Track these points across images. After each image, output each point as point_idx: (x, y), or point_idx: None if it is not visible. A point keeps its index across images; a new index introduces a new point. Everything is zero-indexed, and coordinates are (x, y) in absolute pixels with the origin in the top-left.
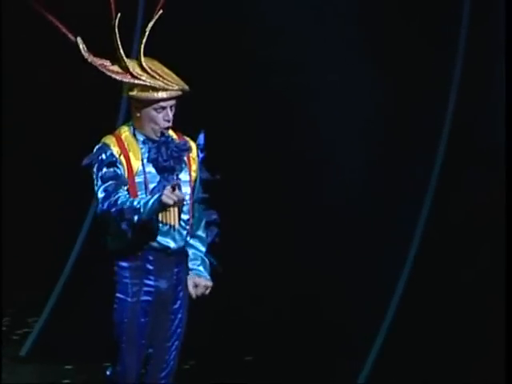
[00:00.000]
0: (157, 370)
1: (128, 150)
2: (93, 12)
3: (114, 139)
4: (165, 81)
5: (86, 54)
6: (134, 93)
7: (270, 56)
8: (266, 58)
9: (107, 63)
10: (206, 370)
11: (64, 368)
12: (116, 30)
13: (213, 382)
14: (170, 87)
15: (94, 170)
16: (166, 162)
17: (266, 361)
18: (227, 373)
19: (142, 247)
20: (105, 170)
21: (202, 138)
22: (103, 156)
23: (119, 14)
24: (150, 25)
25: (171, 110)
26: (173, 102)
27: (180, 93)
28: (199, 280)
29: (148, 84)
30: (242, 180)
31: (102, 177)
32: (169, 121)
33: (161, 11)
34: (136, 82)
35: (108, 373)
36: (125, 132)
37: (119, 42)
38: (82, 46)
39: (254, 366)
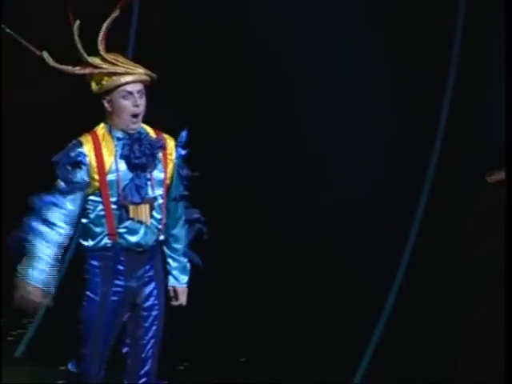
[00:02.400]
0: (135, 369)
1: (102, 147)
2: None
3: (89, 137)
4: (126, 66)
5: (51, 63)
6: (100, 85)
7: (273, 52)
8: (268, 54)
9: (70, 67)
10: (201, 371)
11: (58, 369)
12: (75, 30)
13: (207, 383)
14: (133, 71)
15: (61, 163)
16: (139, 160)
17: (261, 362)
18: (221, 374)
19: (113, 246)
20: (67, 167)
21: (184, 135)
22: (71, 153)
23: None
24: (107, 22)
25: (140, 96)
26: (139, 87)
27: (145, 77)
28: (175, 288)
29: (110, 71)
30: (241, 178)
31: (62, 173)
32: (138, 106)
33: (118, 11)
34: (97, 71)
35: (70, 366)
36: (102, 129)
37: (79, 42)
38: (48, 59)
39: (248, 367)
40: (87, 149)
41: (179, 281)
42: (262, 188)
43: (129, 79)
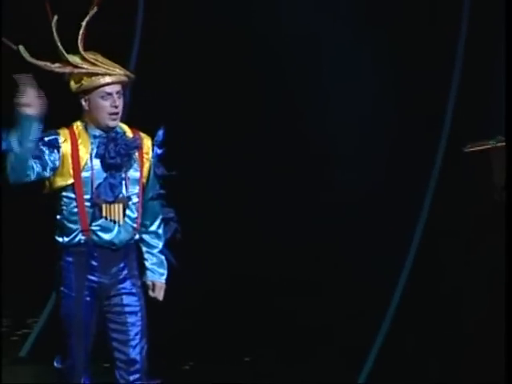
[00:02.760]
0: (125, 365)
1: (78, 143)
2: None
3: (66, 131)
4: (106, 66)
5: (28, 58)
6: (79, 84)
7: (275, 52)
8: (270, 54)
9: (49, 63)
10: (205, 371)
11: None
12: (53, 28)
13: (212, 382)
14: (112, 72)
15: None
16: (113, 159)
17: (265, 361)
18: (226, 374)
19: (86, 243)
20: (40, 145)
21: (160, 134)
22: (46, 137)
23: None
24: (86, 20)
25: (118, 96)
26: (118, 88)
27: (124, 78)
28: (154, 282)
29: (90, 71)
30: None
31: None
32: (116, 107)
33: (95, 8)
34: (77, 70)
35: (56, 364)
36: (78, 126)
37: (57, 39)
38: (24, 54)
39: (252, 367)
40: (62, 139)
41: (157, 275)
42: (263, 188)
43: (108, 80)
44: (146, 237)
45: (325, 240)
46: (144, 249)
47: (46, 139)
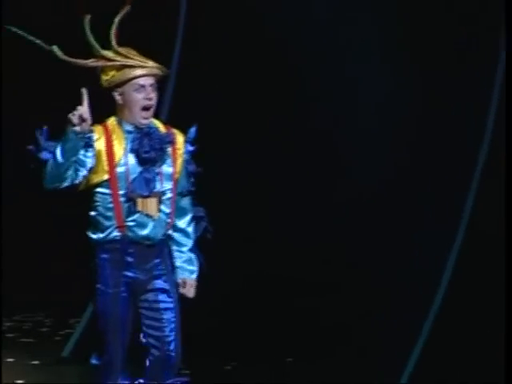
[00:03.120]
0: (158, 363)
1: (113, 139)
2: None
3: (100, 127)
4: (139, 59)
5: (62, 57)
6: (112, 78)
7: (297, 49)
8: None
9: (80, 60)
10: (248, 371)
11: None
12: (85, 25)
13: (254, 382)
14: (145, 64)
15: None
16: (148, 154)
17: (308, 361)
18: (268, 374)
19: (121, 239)
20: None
21: (193, 131)
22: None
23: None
24: (119, 16)
25: (152, 89)
26: (151, 81)
27: (157, 71)
28: (184, 280)
29: (123, 63)
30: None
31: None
32: (150, 99)
33: (128, 6)
34: (110, 63)
35: (93, 361)
36: (112, 122)
37: (89, 34)
38: (58, 52)
39: (295, 367)
40: (96, 136)
41: (187, 273)
42: (285, 188)
43: (141, 72)
44: (175, 235)
45: (365, 237)
46: (173, 247)
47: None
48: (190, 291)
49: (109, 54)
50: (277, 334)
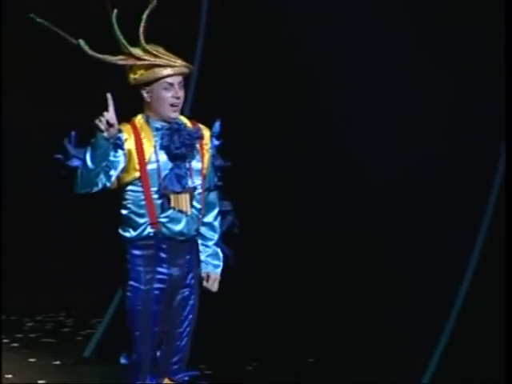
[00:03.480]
0: (169, 356)
1: (142, 137)
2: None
3: (128, 126)
4: (168, 58)
5: (90, 52)
6: (140, 76)
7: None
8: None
9: (109, 56)
10: (269, 372)
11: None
12: (113, 22)
13: (275, 383)
14: (174, 63)
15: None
16: (179, 150)
17: (329, 361)
18: (289, 374)
19: (155, 235)
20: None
21: (217, 125)
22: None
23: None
24: (146, 13)
25: (179, 87)
26: (180, 79)
27: (185, 70)
28: (208, 274)
29: (152, 63)
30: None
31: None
32: (178, 98)
33: (155, 2)
34: (140, 62)
35: (123, 360)
36: (140, 120)
37: (119, 32)
38: (85, 47)
39: (315, 368)
40: (125, 136)
41: (211, 267)
42: (315, 181)
43: (170, 72)
44: (201, 228)
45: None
46: (199, 241)
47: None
48: (213, 286)
49: (138, 52)
50: (299, 333)
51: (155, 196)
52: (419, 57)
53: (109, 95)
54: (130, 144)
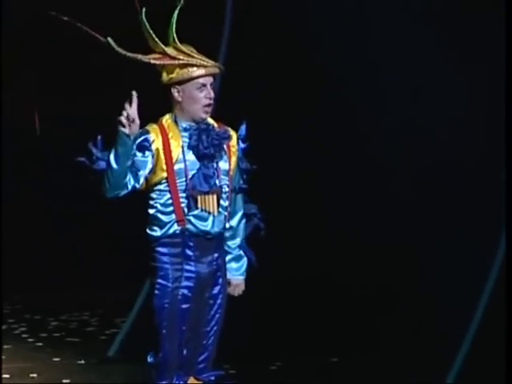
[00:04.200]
0: (195, 355)
1: (170, 137)
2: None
3: (155, 126)
4: (201, 58)
5: (120, 50)
6: (174, 75)
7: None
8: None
9: (140, 55)
10: (292, 371)
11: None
12: (144, 21)
13: (298, 383)
14: (207, 64)
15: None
16: (207, 150)
17: (351, 361)
18: (313, 374)
19: (182, 233)
20: (133, 149)
21: (243, 128)
22: (137, 139)
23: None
24: (175, 13)
25: (211, 88)
26: (211, 80)
27: (217, 71)
28: (229, 280)
29: (186, 62)
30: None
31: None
32: (211, 98)
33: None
34: (175, 62)
35: (150, 359)
36: (167, 120)
37: (151, 31)
38: (114, 45)
39: (339, 367)
40: (152, 136)
41: (234, 271)
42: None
43: (204, 72)
44: (225, 233)
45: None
46: (224, 244)
47: (138, 142)
48: (234, 291)
49: (172, 51)
50: (322, 332)
51: (182, 195)
52: (442, 57)
53: (134, 92)
54: (157, 145)
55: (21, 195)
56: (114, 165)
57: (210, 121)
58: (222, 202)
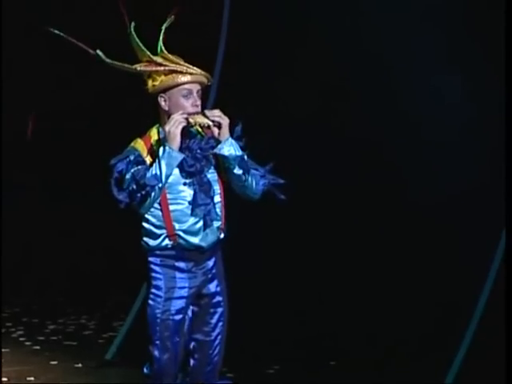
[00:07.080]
0: (201, 365)
1: (156, 154)
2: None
3: (142, 143)
4: (187, 65)
5: (108, 61)
6: (160, 83)
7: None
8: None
9: (127, 64)
10: (290, 375)
11: None
12: (132, 32)
13: None
14: (194, 71)
15: (120, 170)
16: (192, 168)
17: (350, 365)
18: (311, 378)
19: (173, 247)
20: (135, 167)
21: (238, 129)
22: (131, 157)
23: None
24: (166, 25)
25: (198, 96)
26: (198, 88)
27: (204, 79)
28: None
29: (172, 68)
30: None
31: (132, 172)
32: (197, 106)
33: (173, 16)
34: (161, 68)
35: (145, 370)
36: (154, 135)
37: (138, 41)
38: (103, 57)
39: (337, 370)
40: (142, 153)
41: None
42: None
43: (190, 78)
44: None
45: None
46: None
47: (132, 158)
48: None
49: (158, 59)
50: (320, 336)
51: (172, 208)
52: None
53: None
54: (148, 160)
55: (20, 199)
56: (163, 183)
57: (198, 129)
58: (213, 214)
